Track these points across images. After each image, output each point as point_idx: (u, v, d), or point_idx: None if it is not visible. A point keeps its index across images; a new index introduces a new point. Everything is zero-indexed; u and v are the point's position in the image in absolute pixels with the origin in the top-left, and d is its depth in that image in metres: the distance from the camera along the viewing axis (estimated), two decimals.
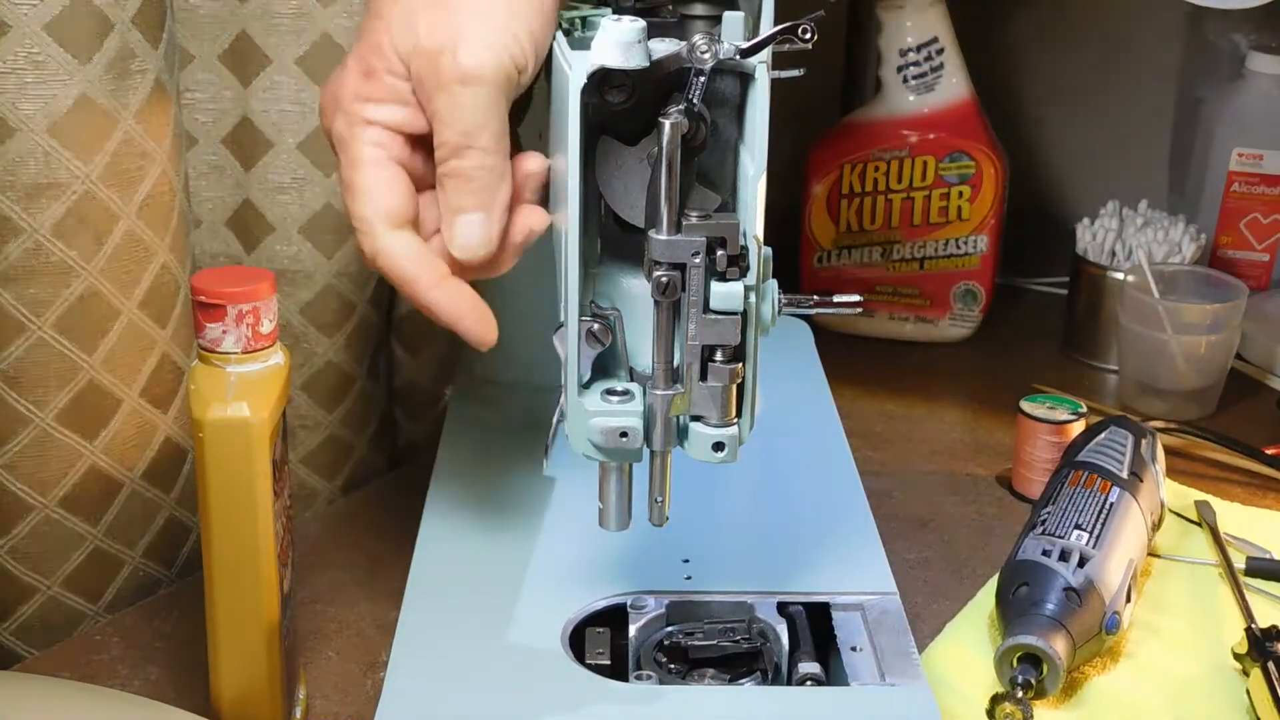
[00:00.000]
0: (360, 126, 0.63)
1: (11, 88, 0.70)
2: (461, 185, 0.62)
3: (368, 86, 0.63)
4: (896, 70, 1.15)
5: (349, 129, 0.64)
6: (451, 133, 0.62)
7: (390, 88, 0.63)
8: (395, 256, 0.63)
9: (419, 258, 0.63)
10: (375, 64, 0.63)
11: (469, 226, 0.63)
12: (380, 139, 0.64)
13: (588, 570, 0.74)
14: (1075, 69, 1.38)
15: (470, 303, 0.64)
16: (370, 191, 0.63)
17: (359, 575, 0.85)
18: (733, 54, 0.58)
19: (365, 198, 0.63)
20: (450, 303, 0.64)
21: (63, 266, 0.74)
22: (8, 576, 0.77)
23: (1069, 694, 0.75)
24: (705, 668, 0.70)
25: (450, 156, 0.62)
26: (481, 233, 0.63)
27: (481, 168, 0.62)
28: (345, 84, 0.64)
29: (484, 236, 0.63)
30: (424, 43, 0.61)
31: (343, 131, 0.64)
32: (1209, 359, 1.06)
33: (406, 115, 0.63)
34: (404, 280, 0.63)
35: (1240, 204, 1.21)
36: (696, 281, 0.59)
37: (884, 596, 0.72)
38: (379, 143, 0.64)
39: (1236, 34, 1.23)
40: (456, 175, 0.62)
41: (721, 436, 0.61)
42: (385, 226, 0.63)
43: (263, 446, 0.63)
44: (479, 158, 0.62)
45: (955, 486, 0.97)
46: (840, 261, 1.19)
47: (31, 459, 0.76)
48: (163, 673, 0.76)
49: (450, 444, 0.87)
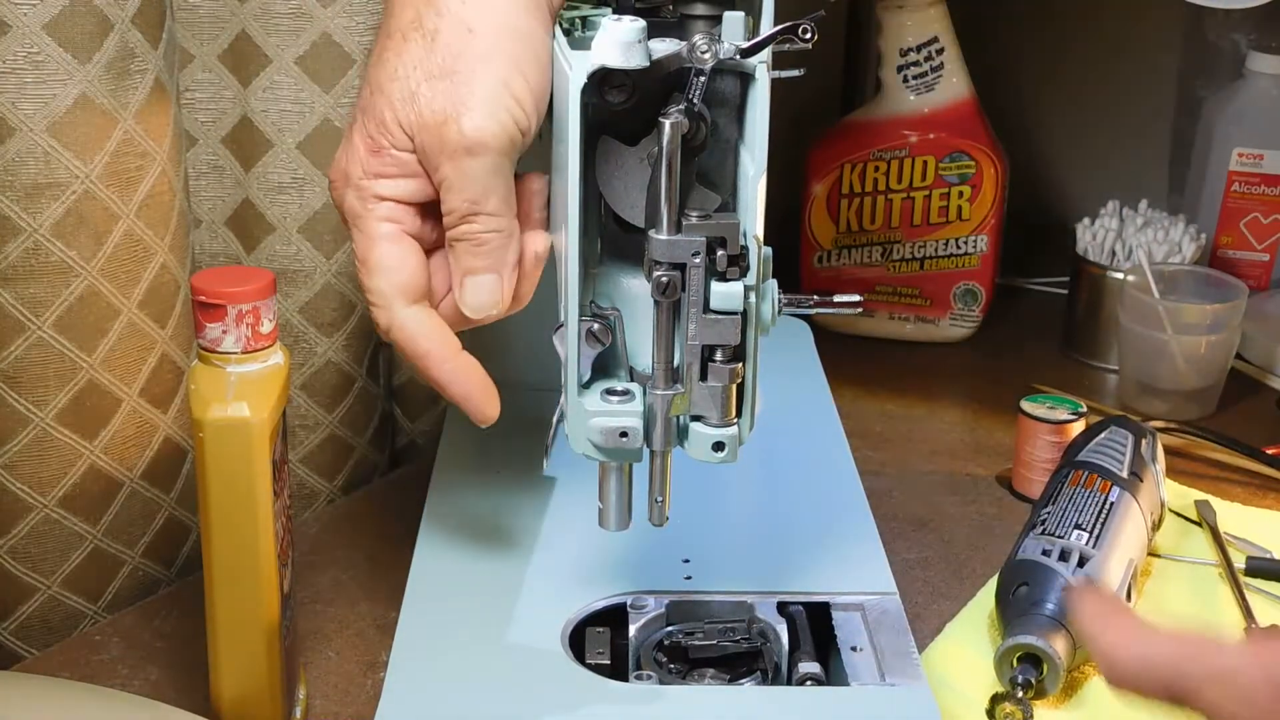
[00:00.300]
0: (373, 202, 0.65)
1: (11, 87, 0.70)
2: (472, 249, 0.64)
3: (376, 162, 0.64)
4: (896, 70, 1.15)
5: (361, 205, 0.65)
6: (459, 200, 0.63)
7: (398, 161, 0.64)
8: (410, 332, 0.64)
9: (432, 333, 0.65)
10: (381, 140, 0.64)
11: (481, 288, 0.64)
12: (392, 213, 0.65)
13: (588, 570, 0.74)
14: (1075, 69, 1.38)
15: (479, 380, 0.66)
16: (385, 266, 0.64)
17: (359, 575, 0.85)
18: (733, 54, 0.58)
19: (380, 273, 0.64)
20: (461, 380, 0.65)
21: (62, 266, 0.74)
22: (8, 576, 0.77)
23: (1069, 694, 0.75)
24: (705, 668, 0.70)
25: (459, 223, 0.63)
26: (493, 293, 0.64)
27: (490, 231, 0.63)
28: (354, 161, 0.65)
29: (496, 296, 0.64)
30: (426, 116, 0.62)
31: (355, 207, 0.65)
32: (1209, 359, 1.06)
33: (415, 186, 0.64)
34: (417, 355, 0.65)
35: (1240, 204, 1.21)
36: (696, 281, 0.59)
37: (884, 596, 0.72)
38: (392, 217, 0.65)
39: (1236, 34, 1.23)
40: (467, 239, 0.64)
41: (721, 436, 0.61)
42: (401, 301, 0.64)
43: (263, 446, 0.63)
44: (487, 222, 0.63)
45: (955, 486, 0.97)
46: (840, 261, 1.19)
47: (31, 459, 0.76)
48: (163, 673, 0.76)
49: (450, 444, 0.87)
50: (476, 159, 0.62)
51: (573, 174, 0.59)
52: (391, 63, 0.63)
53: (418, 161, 0.64)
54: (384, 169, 0.64)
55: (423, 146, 0.63)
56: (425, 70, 0.62)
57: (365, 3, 0.85)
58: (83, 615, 0.80)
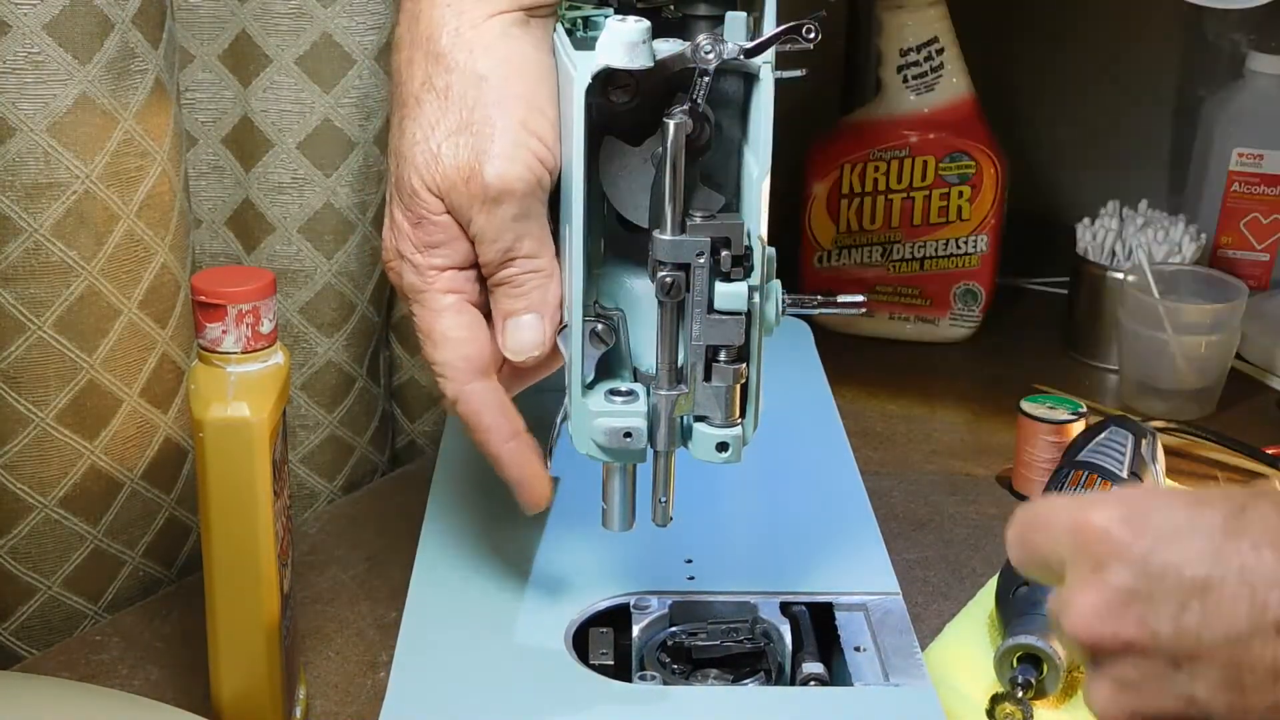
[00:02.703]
0: (431, 275, 0.64)
1: (11, 87, 0.70)
2: (510, 291, 0.64)
3: (421, 234, 0.64)
4: (896, 70, 1.14)
5: (420, 279, 0.65)
6: (493, 250, 0.63)
7: (442, 227, 0.64)
8: (476, 405, 0.64)
9: (499, 408, 0.65)
10: (420, 210, 0.64)
11: (522, 329, 0.64)
12: (453, 283, 0.65)
13: (591, 570, 0.74)
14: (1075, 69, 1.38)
15: (535, 466, 0.66)
16: (452, 339, 0.64)
17: (359, 575, 0.85)
18: (737, 54, 0.58)
19: (447, 345, 0.64)
20: (519, 462, 0.65)
21: (63, 266, 0.74)
22: (8, 576, 0.77)
23: (1069, 694, 0.74)
24: (709, 668, 0.70)
25: (495, 271, 0.63)
26: (535, 333, 0.64)
27: (528, 272, 0.63)
28: (402, 238, 0.65)
29: (539, 337, 0.64)
30: (451, 173, 0.62)
31: (415, 283, 0.65)
32: (1209, 359, 1.06)
33: (468, 248, 0.64)
34: (480, 429, 0.65)
35: (1240, 204, 1.21)
36: (700, 282, 0.59)
37: (887, 596, 0.72)
38: (453, 288, 0.65)
39: (1236, 34, 1.24)
40: (505, 283, 0.63)
41: (725, 437, 0.61)
42: (469, 375, 0.64)
43: (263, 446, 0.63)
44: (524, 264, 0.63)
45: (955, 486, 0.97)
46: (840, 261, 1.19)
47: (31, 459, 0.76)
48: (163, 673, 0.76)
49: (450, 444, 0.87)
50: (504, 206, 0.62)
51: (577, 174, 0.59)
52: (410, 129, 0.63)
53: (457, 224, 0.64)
54: (431, 239, 0.64)
55: (453, 205, 0.63)
56: (444, 129, 0.62)
57: (365, 3, 0.85)
58: (83, 615, 0.80)
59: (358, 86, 0.86)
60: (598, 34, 0.59)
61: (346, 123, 0.87)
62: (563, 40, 0.63)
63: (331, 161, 0.87)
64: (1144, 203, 1.19)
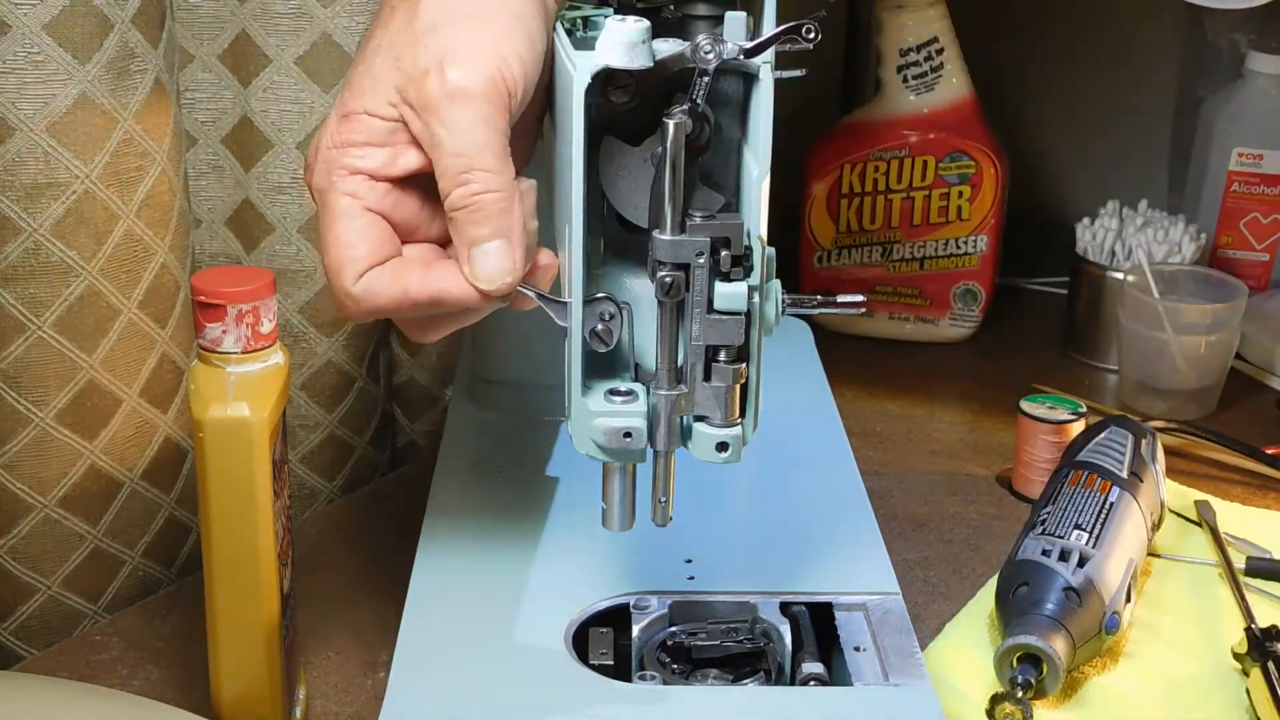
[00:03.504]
0: (338, 174, 0.61)
1: (11, 87, 0.70)
2: (471, 215, 0.59)
3: (345, 129, 0.61)
4: (896, 70, 1.15)
5: (327, 177, 0.61)
6: (449, 155, 0.59)
7: (367, 128, 0.60)
8: (372, 290, 0.60)
9: (393, 274, 0.60)
10: (353, 105, 0.61)
11: (489, 255, 0.59)
12: (356, 188, 0.61)
13: (591, 570, 0.74)
14: (1075, 69, 1.38)
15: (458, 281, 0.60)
16: (341, 240, 0.60)
17: (359, 575, 0.85)
18: (736, 54, 0.58)
19: (337, 247, 0.60)
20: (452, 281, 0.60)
21: (62, 266, 0.74)
22: (8, 576, 0.77)
23: (1069, 694, 0.75)
24: (708, 668, 0.70)
25: (454, 185, 0.59)
26: (503, 259, 0.60)
27: (489, 191, 0.59)
28: (325, 134, 0.62)
29: (507, 263, 0.60)
30: (410, 70, 0.59)
31: (321, 182, 0.61)
32: (1209, 359, 1.06)
33: (384, 157, 0.61)
34: (395, 302, 0.60)
35: (1240, 204, 1.21)
36: (700, 282, 0.59)
37: (887, 596, 0.72)
38: (353, 192, 0.61)
39: (1236, 34, 1.23)
40: (465, 205, 0.59)
41: (725, 437, 0.61)
42: (354, 277, 0.60)
43: (263, 446, 0.63)
44: (484, 180, 0.59)
45: (955, 486, 0.97)
46: (840, 261, 1.19)
47: (31, 459, 0.76)
48: (163, 673, 0.76)
49: (450, 444, 0.87)
50: (463, 107, 0.58)
51: (576, 174, 0.59)
52: (378, 35, 0.61)
53: (390, 131, 0.60)
54: (352, 135, 0.61)
55: (410, 103, 0.59)
56: (410, 32, 0.60)
57: (365, 3, 0.85)
58: (83, 615, 0.80)
59: None
60: (597, 34, 0.59)
61: None
62: (562, 40, 0.63)
63: None
64: (1144, 203, 1.19)
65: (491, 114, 0.59)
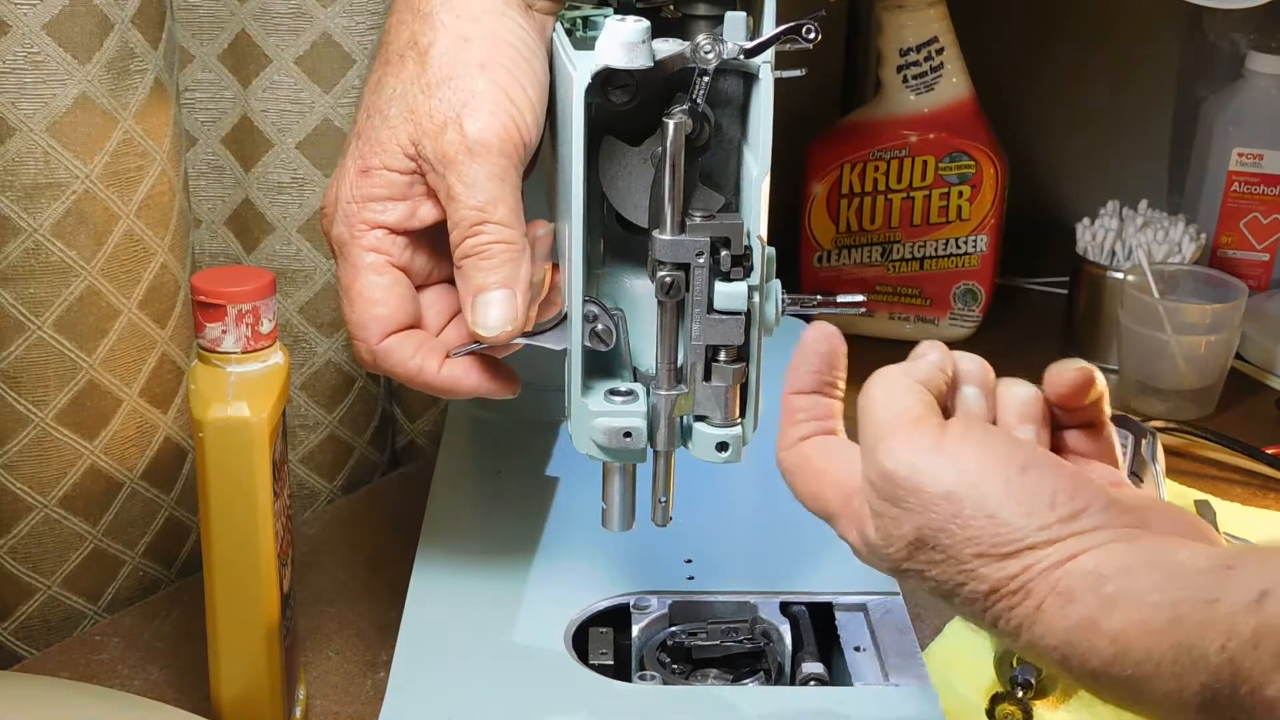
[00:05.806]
0: (360, 229, 0.63)
1: (11, 87, 0.70)
2: (480, 263, 0.61)
3: (365, 184, 0.62)
4: (896, 70, 1.14)
5: (348, 231, 0.63)
6: (465, 209, 0.60)
7: (387, 182, 0.62)
8: (394, 360, 0.63)
9: (417, 348, 0.63)
10: (372, 160, 0.62)
11: (491, 305, 0.61)
12: (379, 243, 0.63)
13: (591, 570, 0.74)
14: (1075, 69, 1.38)
15: (479, 372, 0.64)
16: (365, 298, 0.63)
17: (359, 575, 0.85)
18: (736, 54, 0.58)
19: (361, 304, 0.63)
20: (463, 376, 0.64)
21: (62, 266, 0.74)
22: (8, 576, 0.77)
23: (1069, 694, 0.74)
24: (708, 668, 0.70)
25: (466, 236, 0.61)
26: (505, 309, 0.61)
27: (499, 242, 0.61)
28: (344, 185, 0.63)
29: (509, 313, 0.61)
30: (426, 125, 0.61)
31: (342, 234, 0.63)
32: (1209, 359, 1.06)
33: (404, 211, 0.63)
34: (409, 376, 0.63)
35: (1240, 204, 1.21)
36: (700, 282, 0.59)
37: (887, 596, 0.72)
38: (377, 247, 0.63)
39: (1236, 34, 1.23)
40: (474, 254, 0.61)
41: (725, 436, 0.61)
42: (380, 335, 0.63)
43: (263, 446, 0.63)
44: (496, 231, 0.60)
45: None
46: (840, 261, 1.19)
47: (31, 459, 0.76)
48: (163, 673, 0.76)
49: (450, 444, 0.87)
50: (480, 162, 0.60)
51: (576, 174, 0.59)
52: (390, 84, 0.62)
53: (408, 185, 0.62)
54: (372, 190, 0.62)
55: (426, 159, 0.61)
56: (423, 84, 0.61)
57: (365, 3, 0.85)
58: (83, 615, 0.80)
59: (357, 86, 0.86)
60: (597, 34, 0.59)
61: (346, 123, 0.87)
62: (562, 40, 0.63)
63: (331, 162, 0.87)
64: (1144, 203, 1.19)
65: (507, 168, 0.61)
